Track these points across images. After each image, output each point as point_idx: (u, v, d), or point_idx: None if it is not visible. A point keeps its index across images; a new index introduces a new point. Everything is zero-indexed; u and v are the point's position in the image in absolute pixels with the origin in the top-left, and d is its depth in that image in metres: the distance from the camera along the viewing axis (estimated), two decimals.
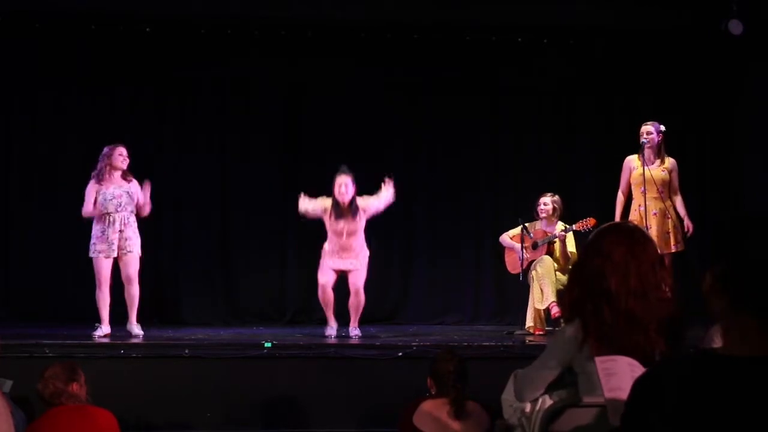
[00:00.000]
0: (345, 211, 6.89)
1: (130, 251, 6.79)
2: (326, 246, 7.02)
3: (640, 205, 6.95)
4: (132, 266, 6.84)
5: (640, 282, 2.68)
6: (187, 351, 5.94)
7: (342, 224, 6.88)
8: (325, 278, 6.98)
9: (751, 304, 1.60)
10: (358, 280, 6.92)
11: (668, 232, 6.87)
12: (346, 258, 6.95)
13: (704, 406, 1.55)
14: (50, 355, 5.65)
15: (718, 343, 1.94)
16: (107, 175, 6.84)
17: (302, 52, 8.66)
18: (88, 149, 7.59)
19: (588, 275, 2.73)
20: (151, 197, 6.98)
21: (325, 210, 6.93)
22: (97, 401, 4.20)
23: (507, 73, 8.84)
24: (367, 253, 7.04)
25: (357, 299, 6.93)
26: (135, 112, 8.79)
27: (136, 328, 6.85)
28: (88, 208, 6.84)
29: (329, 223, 6.94)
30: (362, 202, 6.93)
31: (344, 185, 6.86)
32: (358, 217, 6.91)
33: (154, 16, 8.30)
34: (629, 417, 1.65)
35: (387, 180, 6.97)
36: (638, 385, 1.66)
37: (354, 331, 6.93)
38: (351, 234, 6.90)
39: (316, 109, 8.80)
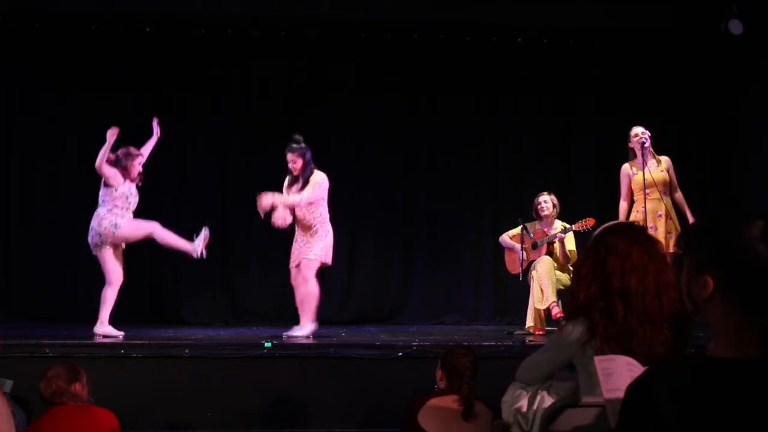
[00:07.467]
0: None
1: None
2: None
3: (641, 208, 6.95)
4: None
5: (656, 281, 2.72)
6: (187, 351, 5.92)
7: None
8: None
9: (757, 306, 1.56)
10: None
11: (670, 233, 6.86)
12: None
13: (699, 409, 1.53)
14: (50, 355, 5.63)
15: None
16: (122, 173, 6.75)
17: (302, 52, 8.66)
18: (88, 149, 7.57)
19: (605, 273, 2.74)
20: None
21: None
22: (97, 401, 4.19)
23: (507, 73, 8.84)
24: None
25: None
26: (135, 111, 8.77)
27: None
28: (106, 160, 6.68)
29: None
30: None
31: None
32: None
33: (154, 16, 8.31)
34: (623, 424, 1.62)
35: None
36: (631, 391, 1.62)
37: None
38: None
39: (315, 108, 8.80)
